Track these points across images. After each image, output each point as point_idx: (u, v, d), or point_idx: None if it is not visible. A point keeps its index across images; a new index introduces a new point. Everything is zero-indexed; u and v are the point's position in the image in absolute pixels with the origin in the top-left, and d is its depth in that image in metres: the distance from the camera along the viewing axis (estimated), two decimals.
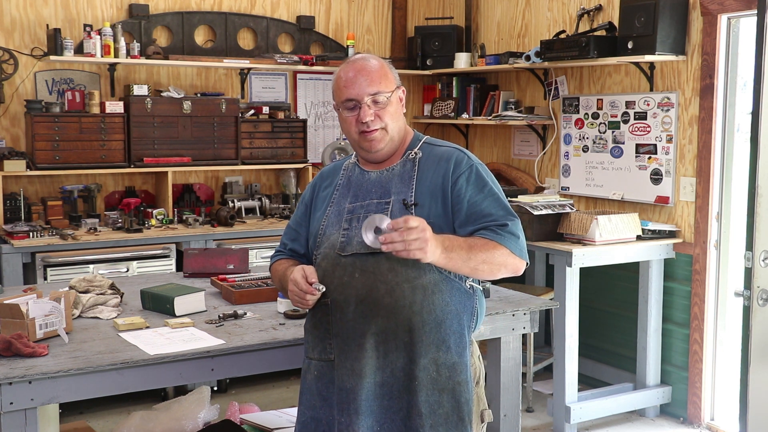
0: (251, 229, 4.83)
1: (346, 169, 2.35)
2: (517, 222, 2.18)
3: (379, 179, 2.26)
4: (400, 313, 2.13)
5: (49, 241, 4.28)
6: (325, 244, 2.24)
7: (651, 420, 4.46)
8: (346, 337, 2.17)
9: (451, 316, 2.18)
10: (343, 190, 2.30)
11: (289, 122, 5.32)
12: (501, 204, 2.19)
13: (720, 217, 4.22)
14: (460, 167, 2.20)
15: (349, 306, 2.17)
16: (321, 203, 2.34)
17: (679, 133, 4.39)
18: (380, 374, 2.15)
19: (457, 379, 2.17)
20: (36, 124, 4.54)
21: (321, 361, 2.23)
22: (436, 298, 2.16)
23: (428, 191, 2.18)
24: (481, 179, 2.20)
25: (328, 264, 2.21)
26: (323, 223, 2.27)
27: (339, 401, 2.18)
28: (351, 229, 2.19)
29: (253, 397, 4.57)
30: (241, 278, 3.20)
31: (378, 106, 2.20)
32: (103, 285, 2.96)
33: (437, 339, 2.15)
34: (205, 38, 5.27)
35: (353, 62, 2.25)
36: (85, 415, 4.28)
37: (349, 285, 2.16)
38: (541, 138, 5.29)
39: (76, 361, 2.28)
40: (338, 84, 2.23)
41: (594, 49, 4.46)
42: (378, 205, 2.20)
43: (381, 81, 2.20)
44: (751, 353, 2.84)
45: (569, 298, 4.13)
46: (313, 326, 2.26)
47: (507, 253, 2.12)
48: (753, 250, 2.78)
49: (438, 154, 2.25)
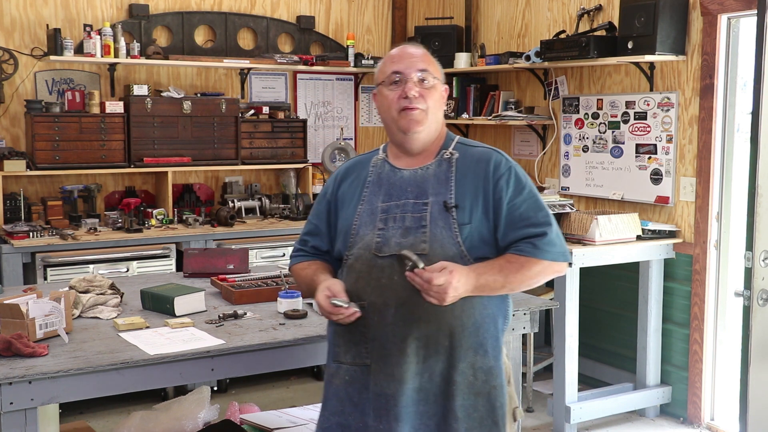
0: (251, 229, 4.83)
1: (375, 165, 2.26)
2: (554, 225, 2.15)
3: (413, 178, 2.19)
4: (442, 317, 2.09)
5: (49, 241, 4.28)
6: (358, 245, 2.16)
7: (651, 420, 4.46)
8: (386, 342, 2.11)
9: (489, 319, 2.15)
10: (374, 188, 2.21)
11: (289, 122, 5.32)
12: (539, 205, 2.16)
13: (720, 217, 4.22)
14: (500, 169, 2.15)
15: (389, 309, 2.10)
16: (348, 200, 2.25)
17: (679, 133, 4.39)
18: (419, 379, 2.11)
19: (492, 383, 2.15)
20: (36, 124, 4.55)
21: (354, 366, 2.16)
22: (476, 301, 2.11)
23: (469, 193, 2.13)
24: (520, 182, 2.16)
25: (363, 265, 2.14)
26: (355, 223, 2.19)
27: (376, 407, 2.12)
28: (387, 230, 2.13)
29: (253, 397, 4.57)
30: (241, 278, 3.20)
31: (423, 86, 2.15)
32: (103, 285, 2.96)
33: (475, 343, 2.13)
34: (205, 38, 5.27)
35: (404, 46, 2.22)
36: (85, 415, 4.28)
37: (388, 288, 2.10)
38: (541, 138, 5.29)
39: (76, 361, 2.28)
40: (385, 61, 2.20)
41: (594, 49, 4.45)
42: (415, 206, 2.14)
43: (431, 63, 2.18)
44: (751, 353, 2.84)
45: (569, 298, 4.13)
46: (347, 330, 2.17)
47: (546, 265, 2.11)
48: (753, 250, 2.78)
49: (475, 155, 2.20)
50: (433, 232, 2.09)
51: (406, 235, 2.10)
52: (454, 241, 2.09)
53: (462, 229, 2.10)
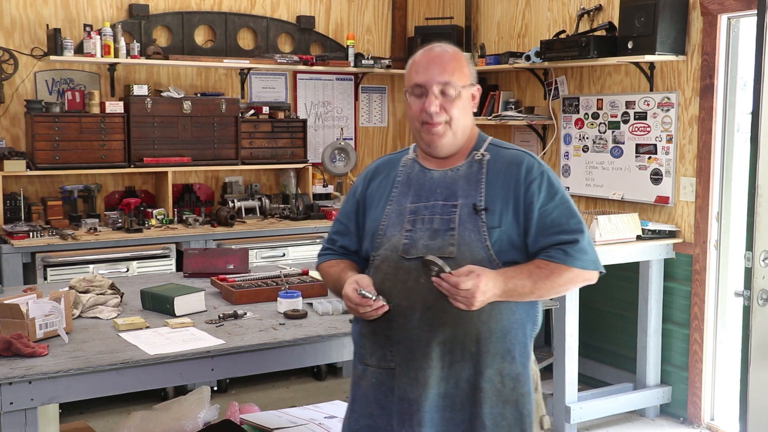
0: (251, 229, 4.83)
1: (405, 165, 2.22)
2: (586, 233, 2.10)
3: (443, 179, 2.15)
4: (468, 322, 2.04)
5: (49, 241, 4.28)
6: (385, 246, 2.13)
7: (651, 420, 4.46)
8: (410, 345, 2.08)
9: (517, 325, 2.10)
10: (403, 188, 2.18)
11: (289, 122, 5.32)
12: (571, 212, 2.10)
13: (720, 217, 4.22)
14: (532, 173, 2.10)
15: (415, 313, 2.06)
16: (377, 200, 2.22)
17: (679, 133, 4.39)
18: (444, 385, 2.07)
19: (520, 390, 2.10)
20: (36, 124, 4.54)
21: (380, 369, 2.14)
22: (504, 307, 2.07)
23: (499, 196, 2.09)
24: (553, 186, 2.11)
25: (389, 267, 2.11)
26: (383, 223, 2.15)
27: (400, 411, 2.10)
28: (415, 231, 2.09)
29: (253, 397, 4.57)
30: (241, 278, 3.20)
31: (446, 98, 2.09)
32: (103, 285, 2.96)
33: (503, 349, 2.08)
34: (205, 38, 5.27)
35: (430, 49, 2.14)
36: (85, 415, 4.28)
37: (414, 290, 2.06)
38: (541, 138, 5.29)
39: (76, 361, 2.28)
40: (410, 69, 2.14)
41: (594, 49, 4.45)
42: (443, 207, 2.10)
43: (454, 72, 2.10)
44: (751, 353, 2.84)
45: (569, 298, 4.12)
46: (372, 331, 2.15)
47: (577, 273, 2.07)
48: (753, 250, 2.78)
49: (507, 157, 2.14)
50: (461, 235, 2.05)
51: (434, 238, 2.07)
52: (483, 244, 2.05)
53: (491, 233, 2.05)
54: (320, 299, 2.97)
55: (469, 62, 2.16)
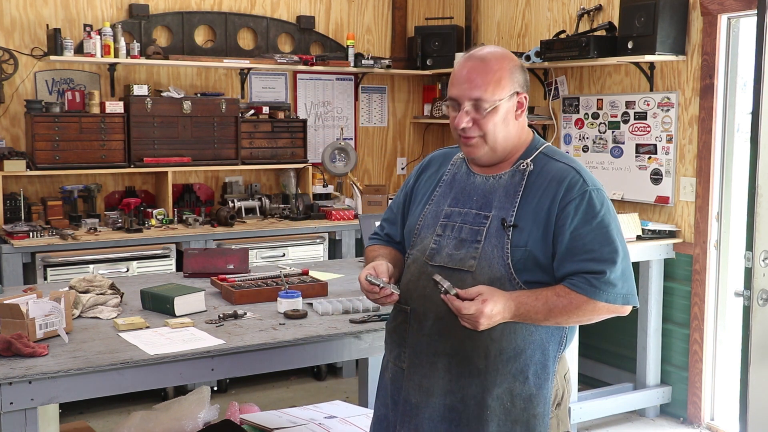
0: (251, 229, 4.83)
1: (454, 164, 2.19)
2: (619, 264, 1.96)
3: (483, 186, 2.09)
4: (478, 338, 1.99)
5: (49, 241, 4.28)
6: (417, 247, 2.13)
7: (651, 420, 4.46)
8: (420, 351, 2.08)
9: (534, 346, 2.01)
10: (446, 188, 2.15)
11: (289, 122, 5.32)
12: (608, 239, 1.96)
13: (720, 217, 4.22)
14: (572, 193, 1.98)
15: (428, 320, 2.05)
16: (421, 196, 2.20)
17: (679, 133, 4.39)
18: (450, 397, 2.04)
19: (533, 411, 2.01)
20: (36, 124, 4.54)
21: (396, 366, 2.16)
22: (519, 327, 1.99)
23: (532, 214, 1.98)
24: (593, 208, 1.97)
25: (415, 269, 2.10)
26: (420, 223, 2.14)
27: (403, 412, 2.11)
28: (444, 237, 2.07)
29: (253, 397, 4.57)
30: (241, 278, 3.20)
31: (479, 113, 2.00)
32: (103, 285, 2.96)
33: (515, 369, 2.00)
34: (205, 38, 5.27)
35: (471, 58, 2.04)
36: (85, 415, 4.28)
37: (430, 298, 2.03)
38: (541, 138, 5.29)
39: (76, 361, 2.28)
40: (451, 78, 2.08)
41: (594, 49, 4.45)
42: (476, 217, 2.04)
43: (489, 86, 1.99)
44: (751, 353, 2.84)
45: None
46: (393, 329, 2.18)
47: (601, 306, 1.95)
48: (753, 250, 2.78)
49: (552, 171, 2.03)
50: (485, 249, 2.00)
51: (459, 248, 2.04)
52: (504, 262, 1.98)
53: (514, 251, 1.97)
54: (320, 299, 2.97)
55: (513, 69, 2.04)
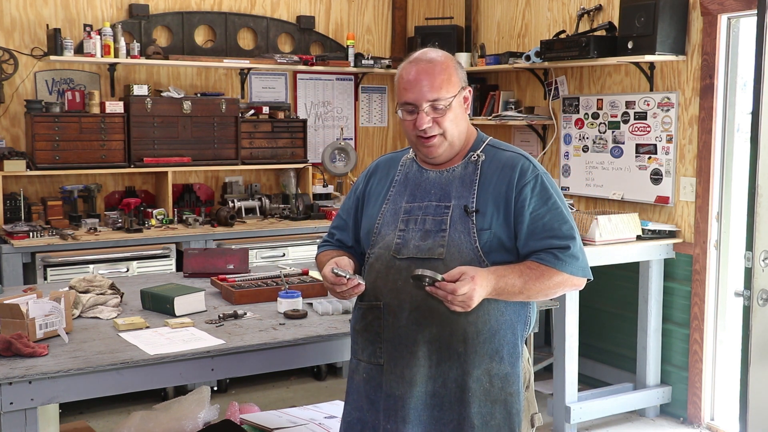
0: (251, 229, 4.83)
1: (404, 165, 2.26)
2: (578, 240, 2.11)
3: (438, 180, 2.18)
4: (455, 323, 2.08)
5: (49, 241, 4.28)
6: (379, 244, 2.17)
7: (651, 420, 4.46)
8: (398, 343, 2.12)
9: (506, 326, 2.12)
10: (400, 188, 2.22)
11: (289, 122, 5.32)
12: (564, 218, 2.11)
13: (720, 217, 4.22)
14: (525, 176, 2.11)
15: (403, 312, 2.11)
16: (375, 198, 2.26)
17: (679, 133, 4.39)
18: (432, 384, 2.11)
19: (509, 390, 2.12)
20: (36, 124, 4.54)
21: (370, 364, 2.19)
22: (492, 307, 2.09)
23: (491, 199, 2.10)
24: (546, 191, 2.11)
25: (381, 266, 2.15)
26: (378, 222, 2.20)
27: (386, 407, 2.14)
28: (407, 231, 2.13)
29: (253, 397, 4.57)
30: (241, 278, 3.20)
31: (437, 113, 2.10)
32: (103, 285, 2.96)
33: (491, 349, 2.10)
34: (205, 38, 5.27)
35: (416, 61, 2.12)
36: (85, 415, 4.28)
37: (403, 290, 2.10)
38: (541, 138, 5.29)
39: (76, 361, 2.28)
40: (399, 84, 2.14)
41: (594, 49, 4.46)
42: (437, 208, 2.13)
43: (443, 86, 2.09)
44: (751, 353, 2.84)
45: (569, 298, 4.12)
46: (364, 328, 2.20)
47: (566, 277, 2.08)
48: (753, 250, 2.78)
49: (502, 159, 2.15)
50: (451, 237, 2.08)
51: (425, 238, 2.10)
52: (473, 245, 2.07)
53: (481, 235, 2.07)
54: (320, 299, 2.97)
55: (457, 67, 2.15)
